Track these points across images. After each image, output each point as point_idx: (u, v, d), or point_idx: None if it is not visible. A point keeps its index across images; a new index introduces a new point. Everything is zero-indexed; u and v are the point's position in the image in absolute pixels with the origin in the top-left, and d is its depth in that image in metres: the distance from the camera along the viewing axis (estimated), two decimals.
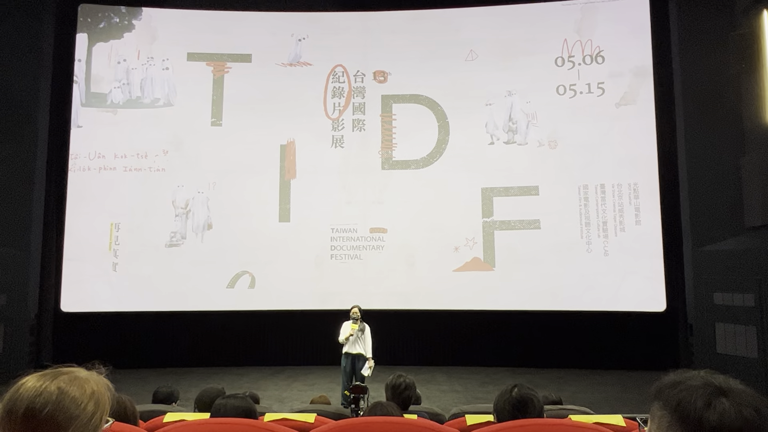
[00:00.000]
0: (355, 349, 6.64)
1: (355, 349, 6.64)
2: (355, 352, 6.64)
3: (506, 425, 2.13)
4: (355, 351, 6.63)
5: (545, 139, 9.34)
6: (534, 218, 9.19)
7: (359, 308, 6.81)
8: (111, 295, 9.12)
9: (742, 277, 7.51)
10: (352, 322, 6.66)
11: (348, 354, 6.67)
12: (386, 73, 9.79)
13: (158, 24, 9.77)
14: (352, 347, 6.65)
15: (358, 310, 6.75)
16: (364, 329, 6.69)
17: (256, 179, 9.54)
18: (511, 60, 9.55)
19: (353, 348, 6.65)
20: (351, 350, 6.65)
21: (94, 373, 1.16)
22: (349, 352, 6.66)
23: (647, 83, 9.07)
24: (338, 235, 9.47)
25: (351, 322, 6.68)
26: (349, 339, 6.62)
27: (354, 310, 6.77)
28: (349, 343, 6.65)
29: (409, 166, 9.61)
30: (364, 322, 6.73)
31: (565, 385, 7.93)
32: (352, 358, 6.65)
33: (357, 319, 6.67)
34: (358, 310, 6.76)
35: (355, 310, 6.75)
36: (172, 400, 3.96)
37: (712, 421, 0.86)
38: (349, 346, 6.67)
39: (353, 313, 6.73)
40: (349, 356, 6.67)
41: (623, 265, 8.78)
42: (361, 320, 6.70)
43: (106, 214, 9.27)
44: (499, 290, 9.09)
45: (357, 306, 6.84)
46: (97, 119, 9.50)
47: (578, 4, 9.44)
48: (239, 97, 9.69)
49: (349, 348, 6.67)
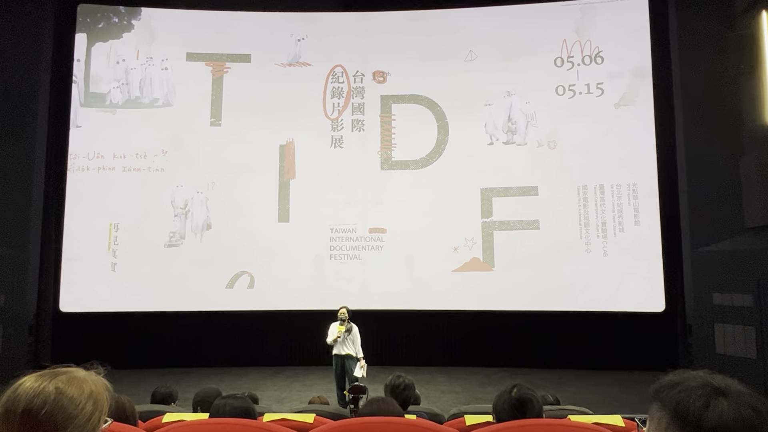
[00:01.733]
0: (344, 350, 6.59)
1: (344, 350, 6.59)
2: (344, 353, 6.59)
3: (505, 425, 2.13)
4: (344, 352, 6.59)
5: (544, 140, 9.35)
6: (533, 219, 9.20)
7: (347, 309, 6.74)
8: (110, 295, 9.11)
9: (741, 277, 7.51)
10: (339, 324, 6.61)
11: (337, 356, 6.64)
12: (385, 73, 9.79)
13: (157, 24, 9.77)
14: (341, 348, 6.61)
15: (345, 311, 6.69)
16: (351, 330, 6.63)
17: (256, 179, 9.53)
18: (510, 60, 9.55)
19: (342, 349, 6.60)
20: (340, 351, 6.61)
21: (93, 373, 1.16)
22: (338, 353, 6.62)
23: (646, 84, 9.08)
24: (337, 236, 9.47)
25: (338, 323, 6.63)
26: (337, 341, 6.58)
27: (342, 311, 6.70)
28: (338, 345, 6.61)
29: (409, 167, 9.61)
30: (351, 322, 6.67)
31: (565, 385, 7.92)
32: (342, 359, 6.62)
33: (344, 320, 6.61)
34: (346, 311, 6.69)
35: (343, 311, 6.68)
36: (170, 401, 3.96)
37: (711, 422, 0.86)
38: (337, 348, 6.63)
39: (341, 314, 6.67)
40: (339, 357, 6.63)
41: (622, 266, 8.79)
42: (349, 321, 6.65)
43: (105, 214, 9.26)
44: (498, 290, 9.09)
45: (345, 307, 6.78)
46: (96, 119, 9.49)
47: (577, 4, 9.44)
48: (238, 97, 9.68)
49: (338, 349, 6.63)
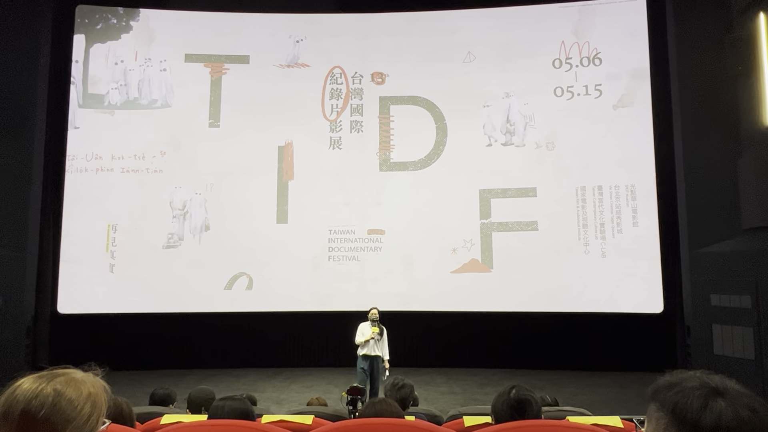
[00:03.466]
0: (375, 351, 6.66)
1: (375, 351, 6.66)
2: (374, 354, 6.66)
3: (504, 426, 2.13)
4: (375, 353, 6.66)
5: (543, 141, 9.35)
6: (532, 220, 9.20)
7: (378, 310, 6.78)
8: (108, 296, 9.09)
9: (739, 278, 7.52)
10: (372, 325, 6.66)
11: (367, 356, 6.68)
12: (384, 74, 9.80)
13: (156, 25, 9.76)
14: (373, 349, 6.67)
15: (377, 312, 6.73)
16: (383, 332, 6.73)
17: (254, 180, 9.53)
18: (508, 62, 9.56)
19: (373, 350, 6.67)
20: (371, 352, 6.66)
21: (91, 375, 1.16)
22: (369, 354, 6.67)
23: (644, 85, 9.09)
24: (336, 237, 9.46)
25: (370, 323, 6.68)
26: (369, 342, 6.64)
27: (373, 311, 6.74)
28: (369, 346, 6.67)
29: (407, 168, 9.61)
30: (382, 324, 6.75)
31: (563, 386, 7.92)
32: (371, 360, 6.67)
33: (376, 321, 6.67)
34: (377, 312, 6.73)
35: (374, 312, 6.72)
36: (169, 402, 3.95)
37: (709, 423, 0.86)
38: (369, 349, 6.68)
39: (372, 314, 6.71)
40: (368, 358, 6.67)
41: (621, 267, 8.79)
42: (379, 322, 6.71)
43: (103, 215, 9.24)
44: (497, 292, 9.09)
45: (375, 308, 6.81)
46: (94, 120, 9.48)
47: (575, 6, 9.46)
48: (237, 98, 9.67)
49: (369, 350, 6.68)
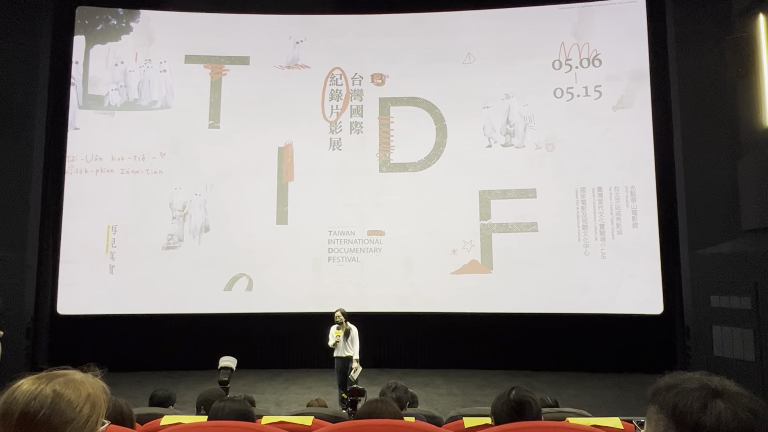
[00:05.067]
0: (345, 353, 6.65)
1: (345, 353, 6.65)
2: (344, 355, 6.65)
3: (504, 428, 2.13)
4: (345, 354, 6.65)
5: (542, 142, 9.36)
6: (531, 221, 9.20)
7: (342, 311, 6.74)
8: (107, 297, 9.08)
9: (738, 279, 7.52)
10: (336, 327, 6.66)
11: (338, 358, 6.71)
12: (384, 75, 9.80)
13: (156, 26, 9.76)
14: (342, 351, 6.67)
15: (341, 314, 6.69)
16: (349, 332, 6.67)
17: (254, 182, 9.52)
18: (508, 63, 9.56)
19: (343, 351, 6.66)
20: (341, 354, 6.68)
21: (90, 376, 1.16)
22: (339, 356, 6.70)
23: (644, 86, 9.09)
24: (336, 238, 9.46)
25: (335, 327, 6.68)
26: (337, 344, 6.66)
27: (337, 314, 6.70)
28: (338, 348, 6.67)
29: (407, 169, 9.61)
30: (349, 324, 6.71)
31: (563, 387, 7.92)
32: (343, 362, 6.68)
33: (340, 323, 6.64)
34: (341, 314, 6.69)
35: (338, 314, 6.68)
36: (169, 403, 3.96)
37: (709, 424, 0.86)
38: (338, 351, 6.69)
39: (336, 317, 6.68)
40: (340, 360, 6.70)
41: (620, 268, 8.79)
42: (346, 322, 6.68)
43: (103, 216, 9.24)
44: (497, 293, 9.09)
45: (340, 309, 6.77)
46: (94, 121, 9.47)
47: (575, 7, 9.47)
48: (237, 99, 9.67)
49: (338, 352, 6.69)
